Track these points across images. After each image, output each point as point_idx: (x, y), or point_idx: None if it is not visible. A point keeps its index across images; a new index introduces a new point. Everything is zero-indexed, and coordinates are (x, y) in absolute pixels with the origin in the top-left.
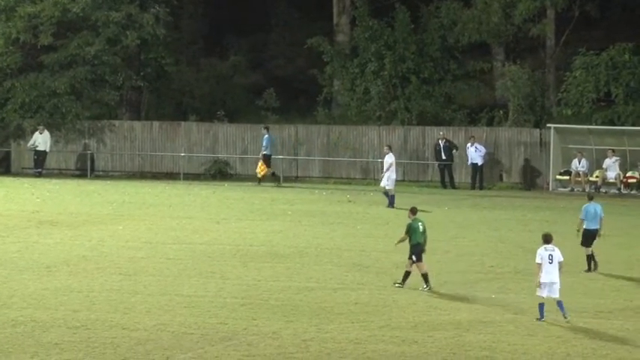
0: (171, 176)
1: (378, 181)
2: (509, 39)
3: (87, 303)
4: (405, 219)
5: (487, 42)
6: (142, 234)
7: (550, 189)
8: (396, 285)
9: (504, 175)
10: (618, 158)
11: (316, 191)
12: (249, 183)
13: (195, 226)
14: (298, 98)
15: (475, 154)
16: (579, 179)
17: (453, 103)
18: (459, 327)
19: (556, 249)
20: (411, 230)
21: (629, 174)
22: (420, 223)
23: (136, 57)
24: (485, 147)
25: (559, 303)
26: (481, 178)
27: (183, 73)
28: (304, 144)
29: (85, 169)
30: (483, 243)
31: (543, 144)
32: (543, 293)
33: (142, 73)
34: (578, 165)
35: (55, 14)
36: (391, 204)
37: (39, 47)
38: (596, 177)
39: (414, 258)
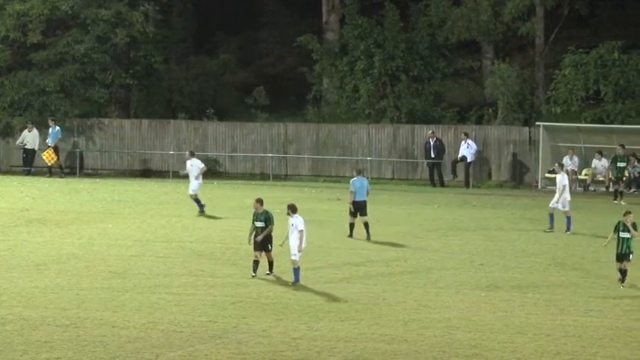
0: (160, 174)
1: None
2: (498, 37)
3: (76, 301)
4: (397, 220)
5: (476, 40)
6: (131, 232)
7: (539, 187)
8: (266, 274)
9: (493, 173)
10: (605, 159)
11: (306, 189)
12: (239, 181)
13: (184, 224)
14: (288, 96)
15: (467, 150)
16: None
17: (443, 102)
18: (448, 325)
19: (299, 218)
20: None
21: None
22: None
23: (126, 55)
24: (477, 144)
25: (296, 269)
26: (469, 175)
27: (172, 71)
28: (294, 142)
29: (74, 167)
30: (473, 241)
31: (532, 142)
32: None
33: (131, 71)
34: (570, 162)
35: (44, 12)
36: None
37: (28, 45)
38: (585, 175)
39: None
